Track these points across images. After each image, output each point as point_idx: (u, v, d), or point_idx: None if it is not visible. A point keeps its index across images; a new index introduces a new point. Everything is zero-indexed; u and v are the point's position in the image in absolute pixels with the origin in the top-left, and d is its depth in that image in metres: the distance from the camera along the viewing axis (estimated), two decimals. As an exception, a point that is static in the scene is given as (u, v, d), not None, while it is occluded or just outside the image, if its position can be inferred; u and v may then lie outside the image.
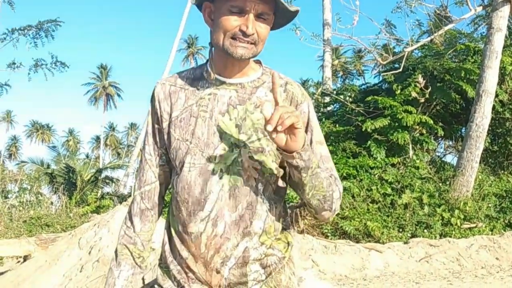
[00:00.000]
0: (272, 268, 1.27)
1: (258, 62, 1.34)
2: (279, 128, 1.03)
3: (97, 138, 56.29)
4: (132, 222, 1.37)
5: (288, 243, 1.31)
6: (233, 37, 1.17)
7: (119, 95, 52.93)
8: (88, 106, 52.29)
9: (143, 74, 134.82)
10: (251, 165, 1.22)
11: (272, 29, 1.28)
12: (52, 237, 6.85)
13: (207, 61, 1.32)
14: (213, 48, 1.27)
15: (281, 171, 1.28)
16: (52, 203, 13.86)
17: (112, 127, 58.98)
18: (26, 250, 6.29)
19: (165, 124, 1.31)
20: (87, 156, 42.54)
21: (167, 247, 1.33)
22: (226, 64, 1.26)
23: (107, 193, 15.28)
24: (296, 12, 1.23)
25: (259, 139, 1.23)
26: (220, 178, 1.22)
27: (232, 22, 1.16)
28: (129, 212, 1.39)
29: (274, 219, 1.28)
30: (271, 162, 1.24)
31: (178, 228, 1.29)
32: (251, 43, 1.18)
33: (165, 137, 1.31)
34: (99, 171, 15.91)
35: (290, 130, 1.07)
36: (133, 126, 59.75)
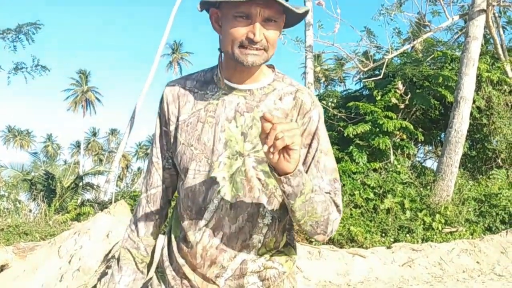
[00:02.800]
0: (271, 282, 1.22)
1: (270, 66, 1.31)
2: (271, 150, 0.97)
3: (78, 144, 55.34)
4: (136, 226, 1.33)
5: (291, 258, 1.27)
6: (242, 45, 1.14)
7: (99, 100, 52.21)
8: (68, 112, 51.40)
9: (126, 80, 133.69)
10: (254, 175, 1.18)
11: (283, 27, 1.26)
12: (31, 246, 6.69)
13: (217, 64, 1.29)
14: (222, 53, 1.24)
15: None
16: (30, 210, 13.54)
17: (94, 133, 58.11)
18: (3, 259, 6.13)
19: (172, 127, 1.28)
20: (65, 162, 41.76)
21: (165, 251, 1.29)
22: (235, 70, 1.23)
23: (88, 200, 15.00)
24: (306, 13, 1.20)
25: None
26: (223, 186, 1.18)
27: (239, 30, 1.13)
28: (134, 216, 1.35)
29: (276, 233, 1.23)
30: None
31: (179, 234, 1.26)
32: (261, 49, 1.15)
33: (172, 140, 1.28)
34: (80, 177, 15.61)
35: (284, 149, 1.00)
36: (113, 131, 58.98)
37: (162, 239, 1.36)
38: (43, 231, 9.22)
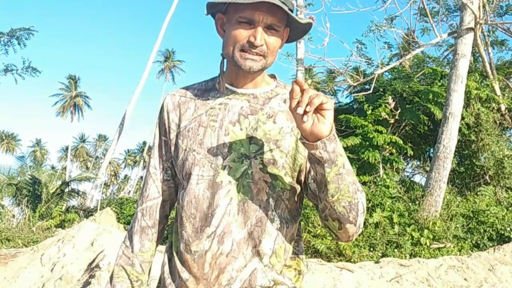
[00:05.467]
0: None
1: (272, 76, 1.33)
2: (307, 109, 0.99)
3: (66, 149, 54.74)
4: (131, 242, 1.28)
5: (299, 272, 1.23)
6: (243, 49, 1.15)
7: (88, 105, 51.76)
8: (56, 117, 50.84)
9: (116, 86, 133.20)
10: (261, 178, 1.16)
11: (287, 41, 1.28)
12: (13, 253, 6.56)
13: (219, 70, 1.30)
14: (225, 60, 1.25)
15: (297, 187, 1.20)
16: (13, 216, 13.29)
17: (82, 139, 57.58)
18: (-17, 266, 5.98)
19: (172, 135, 1.25)
20: (53, 168, 41.29)
21: (166, 268, 1.24)
22: (238, 76, 1.23)
23: (73, 206, 14.79)
24: (309, 24, 1.22)
25: (271, 150, 1.17)
26: (229, 191, 1.15)
27: (241, 33, 1.15)
28: (129, 230, 1.30)
29: (285, 240, 1.19)
30: (284, 175, 1.17)
31: (180, 247, 1.19)
32: (260, 55, 1.16)
33: (172, 148, 1.25)
34: (66, 183, 15.40)
35: (318, 111, 1.02)
36: (101, 137, 58.50)
37: (161, 255, 1.31)
38: (26, 238, 9.05)
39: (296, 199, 1.22)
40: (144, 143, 50.09)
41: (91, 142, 59.17)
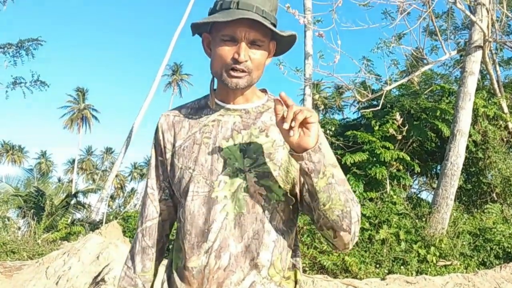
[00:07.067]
0: None
1: (263, 90, 1.34)
2: (292, 124, 1.03)
3: (73, 161, 54.96)
4: (133, 262, 1.29)
5: (296, 282, 1.24)
6: (228, 67, 1.17)
7: (95, 118, 52.10)
8: (64, 129, 51.16)
9: (124, 99, 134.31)
10: (256, 191, 1.17)
11: (275, 55, 1.29)
12: (18, 265, 6.56)
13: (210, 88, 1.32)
14: (214, 77, 1.27)
15: (290, 199, 1.22)
16: (19, 228, 13.31)
17: (89, 151, 57.81)
18: (-12, 278, 5.98)
19: (168, 155, 1.27)
20: (59, 180, 41.43)
21: (165, 285, 1.25)
22: (228, 92, 1.25)
23: (79, 219, 14.79)
24: (292, 36, 1.23)
25: (264, 163, 1.19)
26: (225, 205, 1.16)
27: (225, 51, 1.17)
28: (131, 251, 1.32)
29: (282, 251, 1.20)
30: (278, 187, 1.19)
31: (180, 263, 1.21)
32: (245, 72, 1.17)
33: (169, 168, 1.27)
34: (72, 195, 15.43)
35: (303, 125, 1.06)
36: (108, 150, 58.76)
37: (162, 273, 1.32)
38: (31, 250, 9.02)
39: (290, 210, 1.23)
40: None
41: (98, 155, 59.44)
